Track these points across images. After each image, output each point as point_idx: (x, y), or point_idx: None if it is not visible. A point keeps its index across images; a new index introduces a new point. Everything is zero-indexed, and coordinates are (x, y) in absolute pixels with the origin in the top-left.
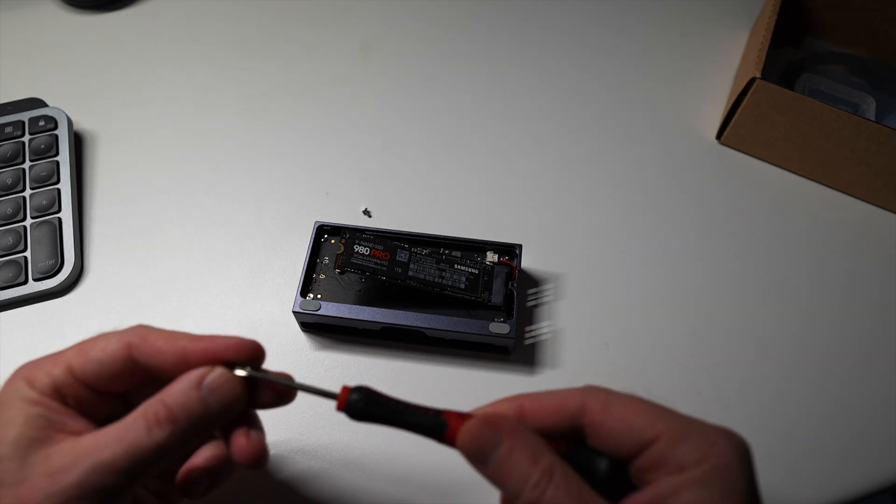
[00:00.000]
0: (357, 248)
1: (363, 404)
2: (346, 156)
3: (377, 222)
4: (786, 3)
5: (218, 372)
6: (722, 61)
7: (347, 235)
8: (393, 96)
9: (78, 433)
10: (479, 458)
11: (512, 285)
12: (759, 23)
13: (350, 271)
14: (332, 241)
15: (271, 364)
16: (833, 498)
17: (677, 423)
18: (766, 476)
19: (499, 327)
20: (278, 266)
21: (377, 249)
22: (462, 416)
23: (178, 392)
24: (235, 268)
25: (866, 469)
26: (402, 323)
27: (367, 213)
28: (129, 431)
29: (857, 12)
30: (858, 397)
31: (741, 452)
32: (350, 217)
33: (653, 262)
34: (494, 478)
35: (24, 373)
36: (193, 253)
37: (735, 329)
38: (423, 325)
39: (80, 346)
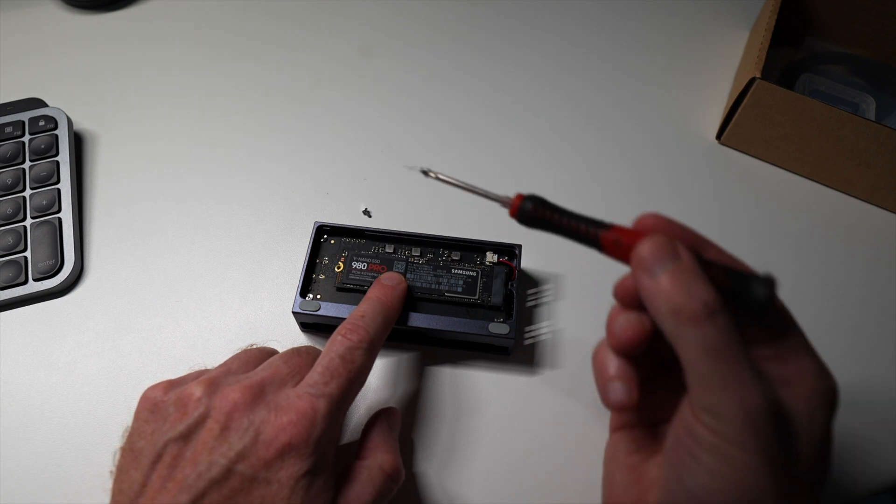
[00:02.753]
0: (355, 265)
1: (532, 212)
2: (346, 156)
3: (377, 222)
4: (786, 3)
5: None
6: (722, 61)
7: (346, 254)
8: (393, 97)
9: None
10: (650, 265)
11: (512, 286)
12: (759, 23)
13: (348, 288)
14: (332, 242)
15: None
16: (833, 498)
17: (806, 340)
18: None
19: (498, 327)
20: (278, 266)
21: (374, 264)
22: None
23: (391, 445)
24: (235, 268)
25: (866, 469)
26: (402, 323)
27: (367, 213)
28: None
29: (857, 12)
30: (858, 397)
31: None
32: (350, 217)
33: None
34: (656, 290)
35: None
36: (193, 253)
37: None
38: (423, 326)
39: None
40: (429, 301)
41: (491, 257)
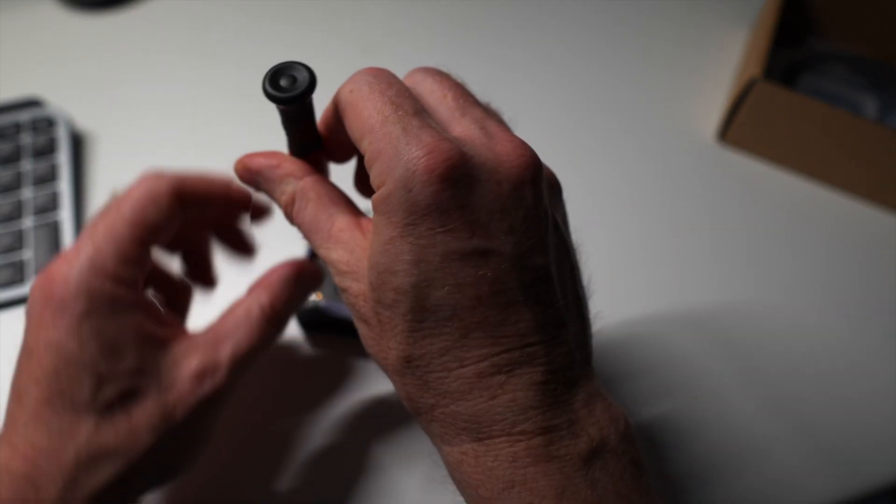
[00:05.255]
0: None
1: None
2: None
3: None
4: (786, 3)
5: (312, 269)
6: (722, 61)
7: None
8: None
9: (169, 323)
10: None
11: None
12: (759, 23)
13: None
14: None
15: (271, 366)
16: (833, 498)
17: (378, 141)
18: (766, 476)
19: None
20: None
21: None
22: None
23: (284, 293)
24: (236, 268)
25: (866, 469)
26: None
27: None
28: (255, 326)
29: (858, 12)
30: (858, 397)
31: (407, 176)
32: None
33: (652, 263)
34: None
35: (95, 265)
36: None
37: (736, 329)
38: None
39: (123, 213)
40: None
41: None
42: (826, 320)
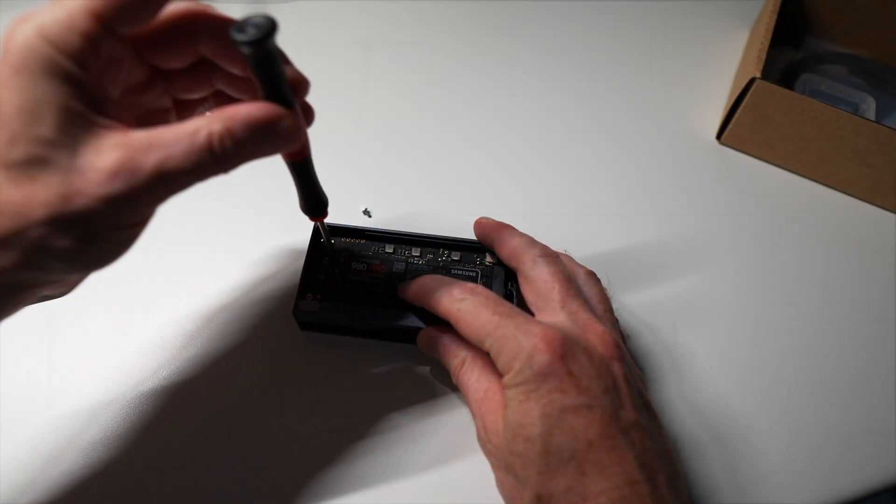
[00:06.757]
0: (354, 265)
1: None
2: (346, 156)
3: (377, 222)
4: (786, 3)
5: (291, 120)
6: (722, 61)
7: (346, 254)
8: (393, 95)
9: (116, 119)
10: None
11: (511, 286)
12: (759, 23)
13: (348, 288)
14: (332, 241)
15: (270, 366)
16: (833, 498)
17: (498, 340)
18: (766, 476)
19: None
20: (278, 266)
21: (374, 264)
22: None
23: (244, 135)
24: (236, 267)
25: (866, 469)
26: (403, 323)
27: (367, 213)
28: (195, 149)
29: (857, 12)
30: (858, 397)
31: (529, 356)
32: (350, 217)
33: (652, 263)
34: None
35: (40, 27)
36: (194, 253)
37: (735, 330)
38: (423, 326)
39: None
40: None
41: (490, 258)
42: (825, 319)
